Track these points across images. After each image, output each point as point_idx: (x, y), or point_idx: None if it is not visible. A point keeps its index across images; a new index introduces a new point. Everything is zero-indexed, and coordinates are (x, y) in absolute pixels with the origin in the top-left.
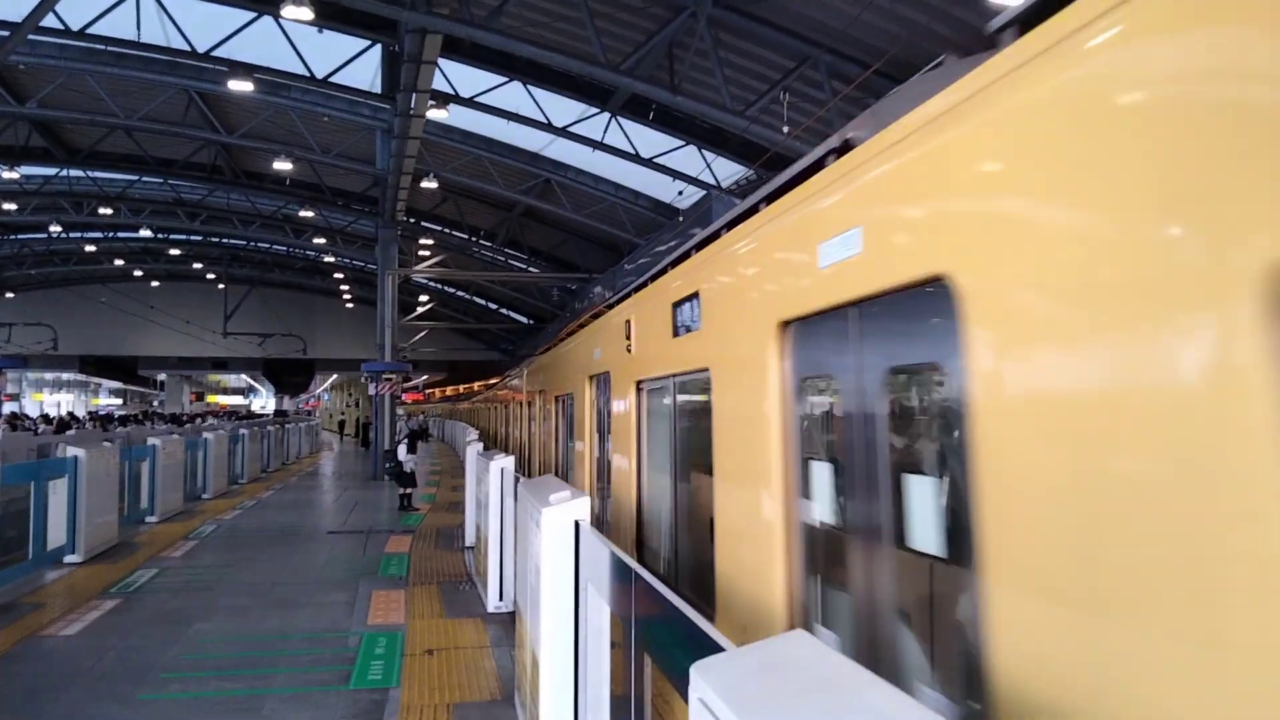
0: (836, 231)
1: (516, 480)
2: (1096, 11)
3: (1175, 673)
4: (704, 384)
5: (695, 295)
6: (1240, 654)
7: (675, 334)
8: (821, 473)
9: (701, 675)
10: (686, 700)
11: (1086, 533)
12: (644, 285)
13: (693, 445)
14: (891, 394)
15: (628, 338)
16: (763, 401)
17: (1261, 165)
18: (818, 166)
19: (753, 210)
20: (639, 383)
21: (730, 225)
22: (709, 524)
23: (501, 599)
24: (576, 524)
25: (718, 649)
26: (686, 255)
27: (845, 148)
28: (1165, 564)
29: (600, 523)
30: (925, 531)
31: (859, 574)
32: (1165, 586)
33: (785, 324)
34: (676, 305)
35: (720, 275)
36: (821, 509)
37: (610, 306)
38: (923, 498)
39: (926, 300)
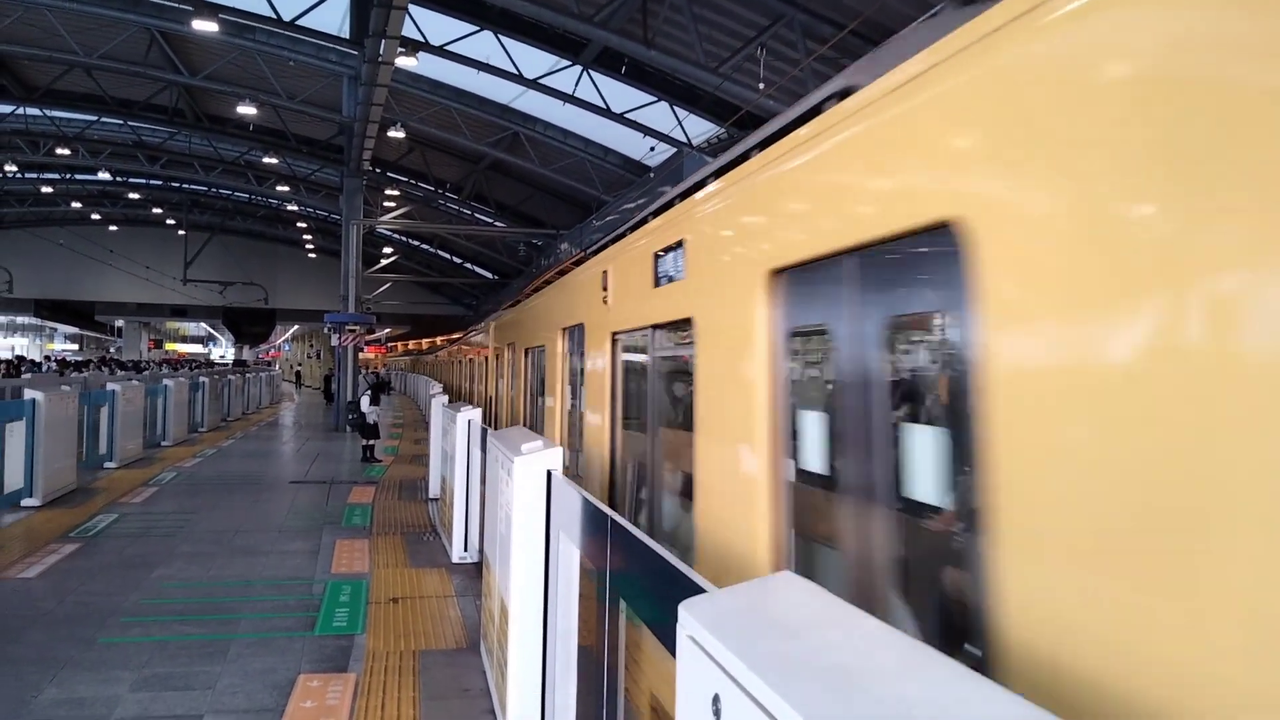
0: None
1: (484, 432)
2: None
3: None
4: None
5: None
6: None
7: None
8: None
9: (690, 612)
10: (666, 645)
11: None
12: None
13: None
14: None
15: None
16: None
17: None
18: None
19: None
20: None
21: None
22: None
23: (466, 549)
24: (549, 473)
25: (701, 592)
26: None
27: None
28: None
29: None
30: None
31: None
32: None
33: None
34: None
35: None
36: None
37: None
38: None
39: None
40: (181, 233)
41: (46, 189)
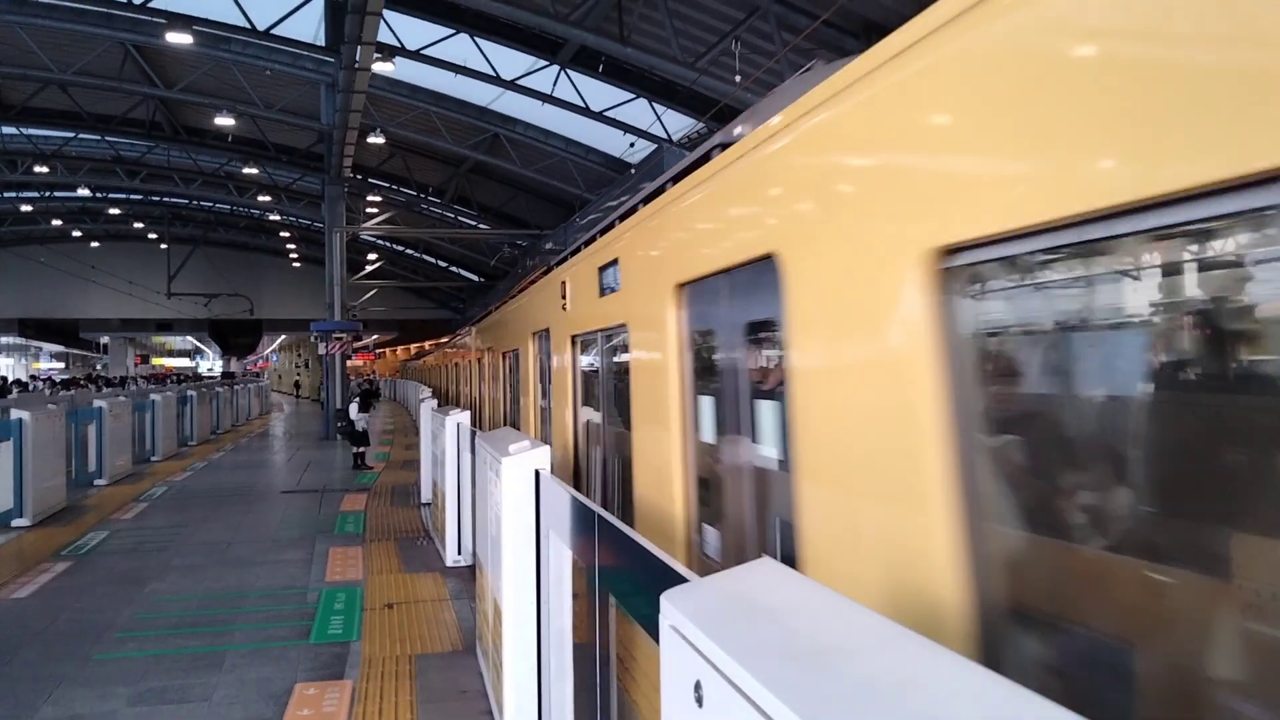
0: None
1: (473, 435)
2: None
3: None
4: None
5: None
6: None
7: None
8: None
9: (672, 603)
10: (655, 638)
11: None
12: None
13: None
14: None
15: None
16: None
17: None
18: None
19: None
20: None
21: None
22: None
23: (460, 553)
24: (537, 473)
25: (685, 582)
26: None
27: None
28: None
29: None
30: None
31: None
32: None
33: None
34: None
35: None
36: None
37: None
38: None
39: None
40: (164, 246)
41: (26, 208)
